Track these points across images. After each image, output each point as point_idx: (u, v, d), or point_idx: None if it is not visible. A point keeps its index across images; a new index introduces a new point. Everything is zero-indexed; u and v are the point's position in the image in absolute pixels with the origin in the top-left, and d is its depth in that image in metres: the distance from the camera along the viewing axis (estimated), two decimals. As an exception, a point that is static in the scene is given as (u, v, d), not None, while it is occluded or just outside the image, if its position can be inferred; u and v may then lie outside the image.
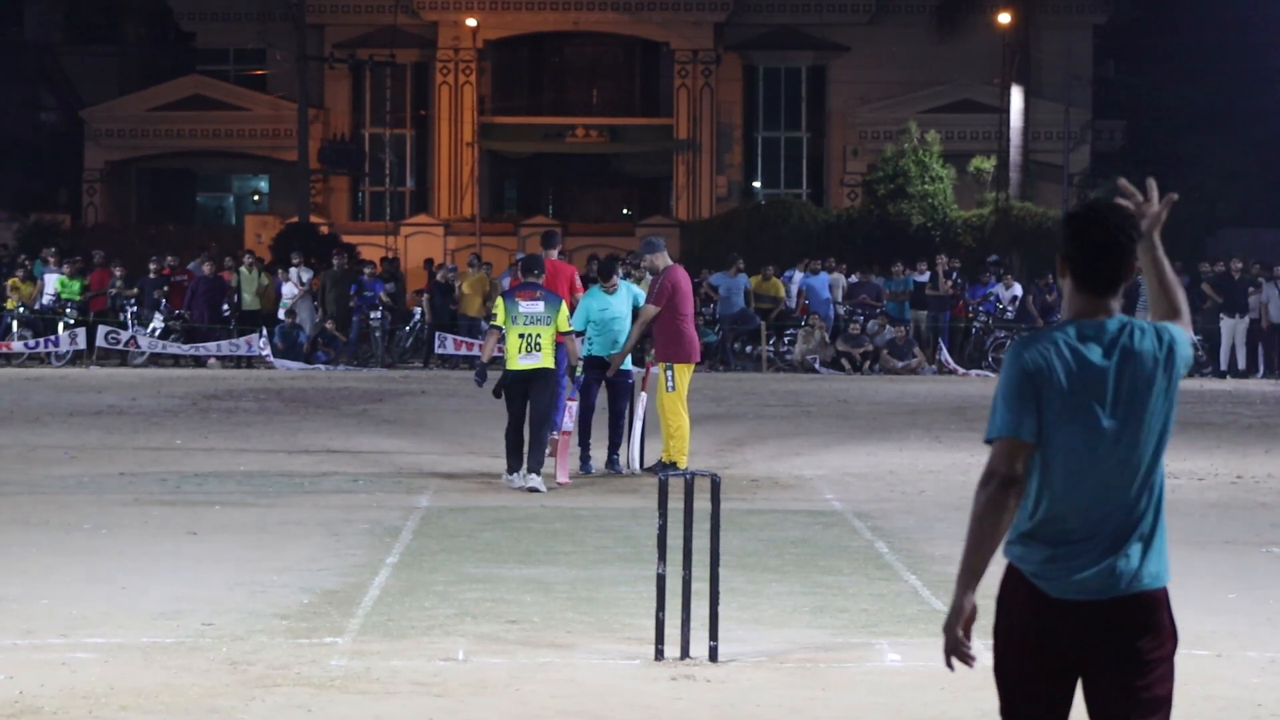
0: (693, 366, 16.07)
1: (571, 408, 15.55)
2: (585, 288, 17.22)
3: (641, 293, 16.50)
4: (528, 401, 14.96)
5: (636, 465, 16.18)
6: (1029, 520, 4.95)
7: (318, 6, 46.81)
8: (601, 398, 16.31)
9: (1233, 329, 31.11)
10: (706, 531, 8.68)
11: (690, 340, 15.98)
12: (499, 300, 15.53)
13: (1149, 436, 4.93)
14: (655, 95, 49.41)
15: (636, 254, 17.85)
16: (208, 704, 7.75)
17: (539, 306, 14.99)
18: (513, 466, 15.05)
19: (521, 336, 14.93)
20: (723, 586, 8.84)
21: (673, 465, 15.44)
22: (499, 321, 15.17)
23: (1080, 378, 4.90)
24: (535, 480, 14.83)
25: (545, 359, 14.97)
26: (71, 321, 31.45)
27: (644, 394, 16.14)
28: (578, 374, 15.55)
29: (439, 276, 33.14)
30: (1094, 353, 4.92)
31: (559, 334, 15.05)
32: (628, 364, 16.29)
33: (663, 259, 16.07)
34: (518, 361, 14.95)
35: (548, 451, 15.22)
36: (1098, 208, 5.04)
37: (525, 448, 14.96)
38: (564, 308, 15.17)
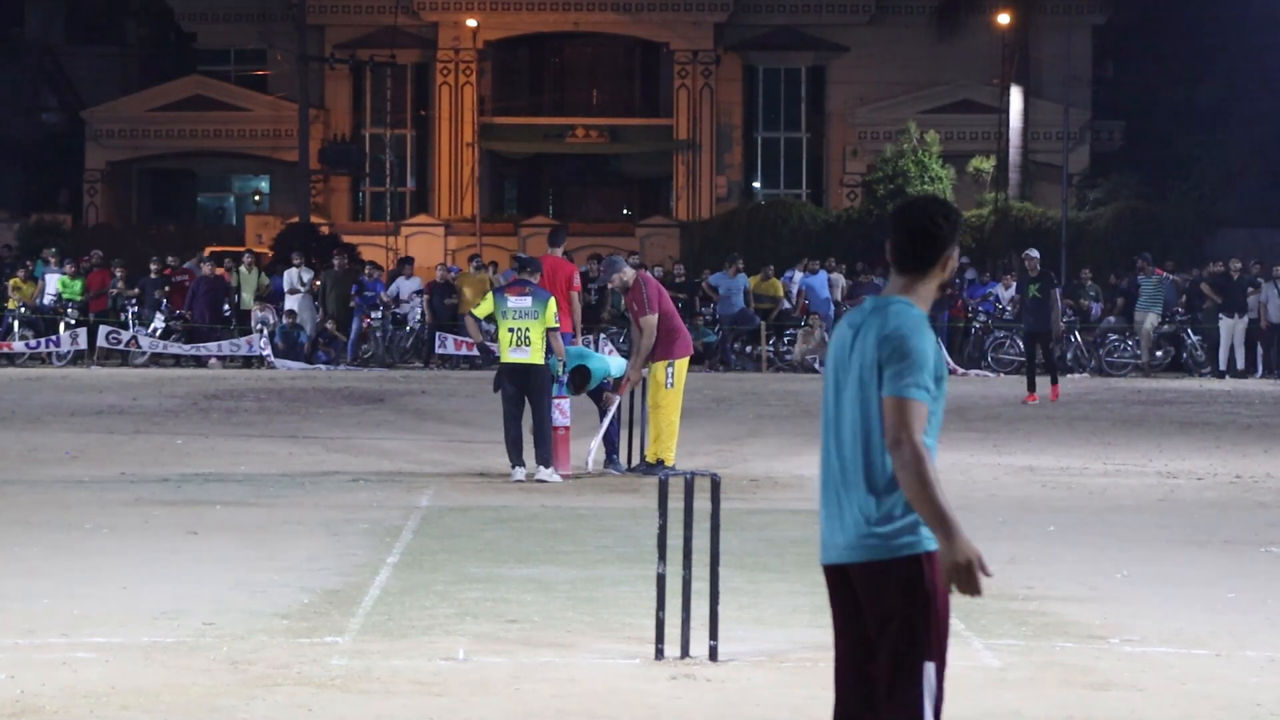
0: (688, 360, 16.24)
1: (563, 405, 15.66)
2: (583, 285, 17.34)
3: (609, 359, 16.67)
4: (523, 396, 15.25)
5: (589, 460, 16.11)
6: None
7: (318, 7, 46.83)
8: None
9: (1232, 329, 31.12)
10: (706, 531, 8.68)
11: (684, 335, 16.19)
12: (489, 295, 15.99)
13: (866, 412, 5.14)
14: (655, 95, 49.41)
15: (604, 276, 18.14)
16: (208, 703, 7.75)
17: (526, 302, 15.32)
18: (515, 462, 15.24)
19: (511, 331, 15.30)
20: (723, 586, 8.84)
21: (661, 463, 15.53)
22: (480, 312, 15.69)
23: (838, 345, 5.28)
24: (546, 473, 15.17)
25: (535, 354, 15.28)
26: (73, 321, 31.48)
27: (617, 395, 16.10)
28: (560, 374, 15.65)
29: (439, 276, 33.18)
30: (854, 323, 5.25)
31: (546, 329, 15.29)
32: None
33: (629, 271, 16.18)
34: (509, 354, 15.32)
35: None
36: (920, 198, 5.42)
37: (523, 443, 15.29)
38: (552, 303, 15.43)
